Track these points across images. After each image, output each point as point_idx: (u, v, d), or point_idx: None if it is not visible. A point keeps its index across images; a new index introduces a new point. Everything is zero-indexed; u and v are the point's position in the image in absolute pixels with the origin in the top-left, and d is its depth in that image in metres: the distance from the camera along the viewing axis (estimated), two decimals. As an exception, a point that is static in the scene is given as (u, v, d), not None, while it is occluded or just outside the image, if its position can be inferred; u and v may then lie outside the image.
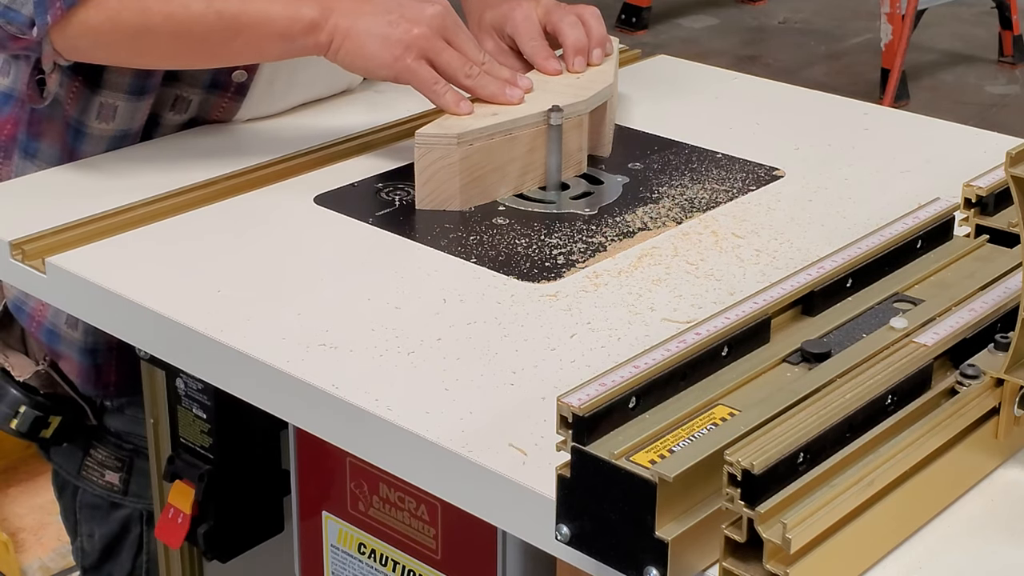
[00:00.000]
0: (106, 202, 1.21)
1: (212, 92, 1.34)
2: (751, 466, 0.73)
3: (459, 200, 1.22)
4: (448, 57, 1.25)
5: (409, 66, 1.23)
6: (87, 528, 1.46)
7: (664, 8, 5.57)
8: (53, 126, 1.32)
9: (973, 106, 4.63)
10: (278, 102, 1.41)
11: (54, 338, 1.35)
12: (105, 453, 1.41)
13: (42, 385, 1.38)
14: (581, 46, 1.36)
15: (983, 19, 5.26)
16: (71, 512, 1.48)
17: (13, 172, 1.35)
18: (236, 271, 1.12)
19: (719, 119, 1.44)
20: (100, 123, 1.30)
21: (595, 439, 0.78)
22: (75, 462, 1.43)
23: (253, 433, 1.23)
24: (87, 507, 1.45)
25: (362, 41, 1.22)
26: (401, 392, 0.94)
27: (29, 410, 1.37)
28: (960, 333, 0.89)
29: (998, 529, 0.83)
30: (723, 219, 1.20)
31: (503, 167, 1.24)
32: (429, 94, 1.25)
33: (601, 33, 1.38)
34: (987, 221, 1.03)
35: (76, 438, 1.41)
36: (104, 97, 1.29)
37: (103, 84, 1.28)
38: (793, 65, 5.05)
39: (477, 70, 1.26)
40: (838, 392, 0.82)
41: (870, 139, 1.40)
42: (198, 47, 1.23)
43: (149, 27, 1.20)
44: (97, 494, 1.43)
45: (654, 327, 1.02)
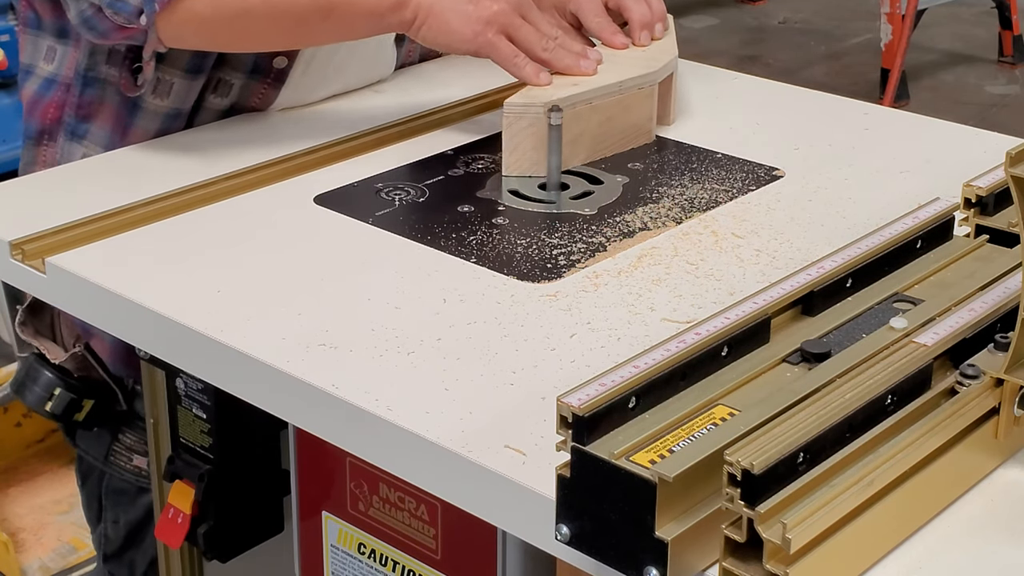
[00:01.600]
0: (106, 202, 1.21)
1: (253, 77, 1.38)
2: (751, 466, 0.73)
3: (543, 166, 1.27)
4: (526, 32, 1.32)
5: (490, 40, 1.30)
6: (112, 514, 1.47)
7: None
8: (106, 107, 1.35)
9: (973, 106, 4.64)
10: (313, 92, 1.44)
11: None
12: (134, 438, 1.42)
13: (76, 368, 1.39)
14: (647, 20, 1.44)
15: (983, 19, 5.26)
16: (95, 499, 1.49)
17: (58, 155, 1.37)
18: (236, 271, 1.12)
19: (719, 119, 1.44)
20: (156, 99, 1.34)
21: (595, 439, 0.78)
22: (103, 447, 1.44)
23: (253, 433, 1.23)
24: (114, 492, 1.46)
25: (445, 18, 1.29)
26: (401, 392, 0.94)
27: (64, 392, 1.38)
28: (960, 333, 0.89)
29: (998, 529, 0.83)
30: (723, 219, 1.20)
31: (582, 135, 1.30)
32: (510, 67, 1.31)
33: (662, 9, 1.47)
34: (987, 221, 1.03)
35: (106, 422, 1.43)
36: (162, 73, 1.33)
37: (162, 59, 1.32)
38: (793, 65, 5.05)
39: (552, 44, 1.34)
40: (838, 392, 0.82)
41: (870, 139, 1.40)
42: (294, 27, 1.29)
43: (248, 10, 1.26)
44: (125, 479, 1.44)
45: (654, 327, 1.02)
